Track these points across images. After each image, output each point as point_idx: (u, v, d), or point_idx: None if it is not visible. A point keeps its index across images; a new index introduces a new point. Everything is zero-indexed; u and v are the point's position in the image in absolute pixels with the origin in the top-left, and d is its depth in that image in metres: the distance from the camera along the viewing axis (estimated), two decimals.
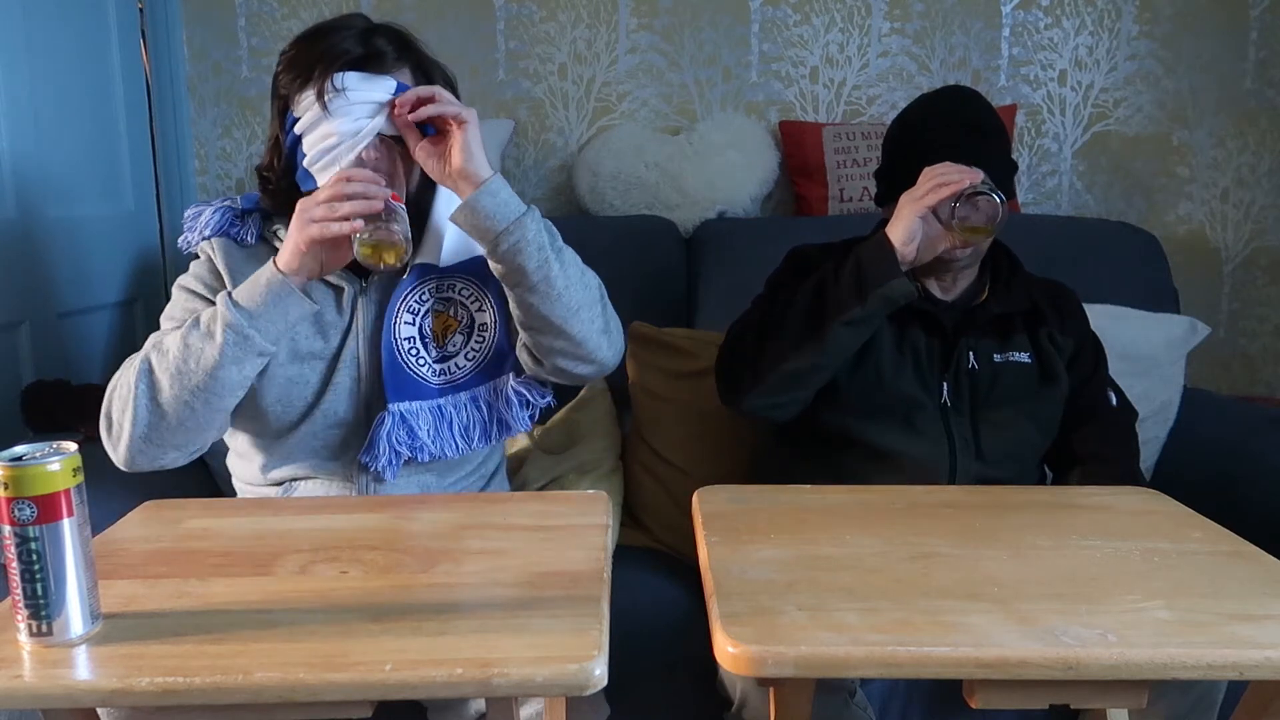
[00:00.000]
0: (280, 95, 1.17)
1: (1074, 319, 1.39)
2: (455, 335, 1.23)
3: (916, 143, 1.30)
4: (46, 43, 1.88)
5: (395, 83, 1.13)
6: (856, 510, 1.01)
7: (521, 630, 0.73)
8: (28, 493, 0.70)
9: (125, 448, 1.10)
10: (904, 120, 1.36)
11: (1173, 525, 0.98)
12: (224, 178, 2.27)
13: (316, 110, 1.11)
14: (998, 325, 1.33)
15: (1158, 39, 2.16)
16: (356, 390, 1.21)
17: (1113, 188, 2.22)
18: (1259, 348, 2.26)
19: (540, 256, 1.11)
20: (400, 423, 1.18)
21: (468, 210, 1.11)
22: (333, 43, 1.13)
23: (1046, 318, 1.36)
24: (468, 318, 1.23)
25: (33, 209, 1.85)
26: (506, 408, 1.23)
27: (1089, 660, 0.70)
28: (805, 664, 0.71)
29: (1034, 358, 1.34)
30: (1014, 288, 1.35)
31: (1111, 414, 1.39)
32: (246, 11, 2.20)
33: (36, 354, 1.85)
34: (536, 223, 1.12)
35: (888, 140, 1.38)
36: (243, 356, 1.08)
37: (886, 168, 1.36)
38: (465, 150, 1.10)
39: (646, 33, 2.18)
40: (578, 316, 1.14)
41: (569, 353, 1.17)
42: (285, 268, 1.09)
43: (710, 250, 1.93)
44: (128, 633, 0.74)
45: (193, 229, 1.24)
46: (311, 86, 1.12)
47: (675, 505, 1.63)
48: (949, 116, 1.30)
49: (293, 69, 1.15)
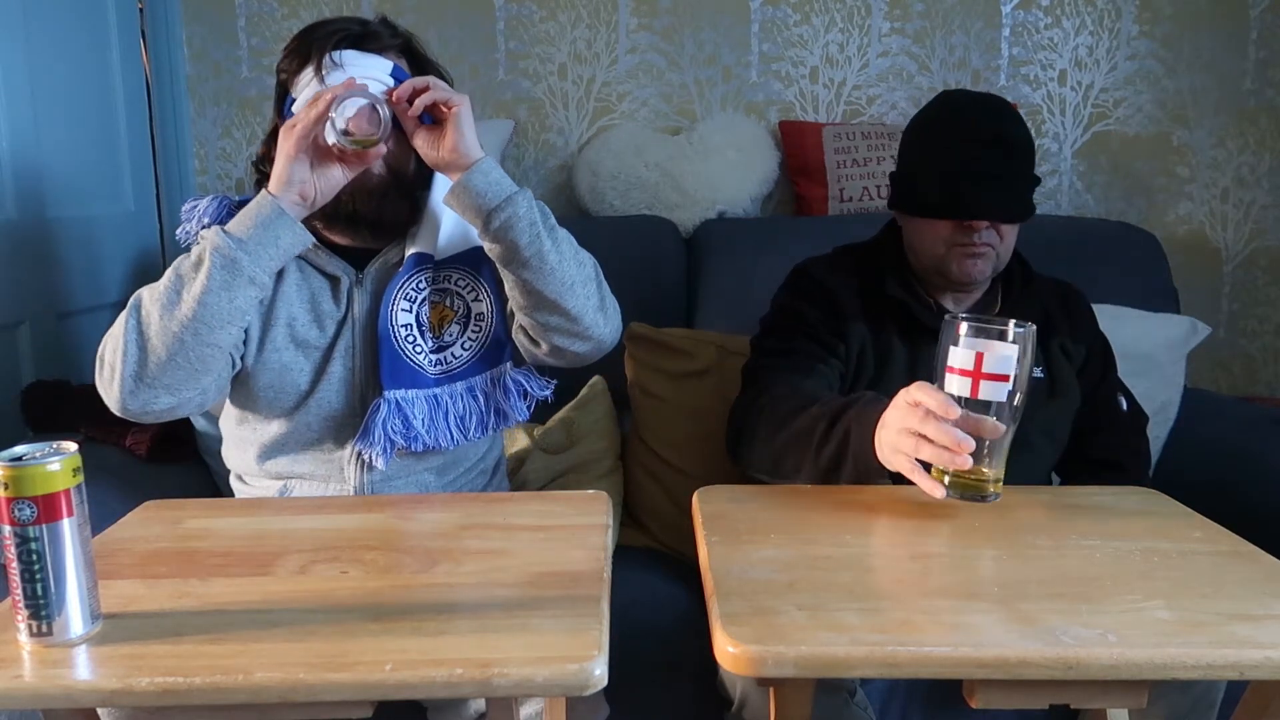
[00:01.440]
0: (280, 82, 1.19)
1: (1084, 321, 1.38)
2: (451, 325, 1.23)
3: (942, 155, 1.25)
4: (46, 43, 1.88)
5: (391, 64, 1.15)
6: (856, 510, 1.01)
7: (521, 630, 0.73)
8: (28, 493, 0.70)
9: (118, 387, 1.09)
10: (928, 130, 1.30)
11: (1173, 525, 0.98)
12: (224, 178, 2.26)
13: (314, 84, 1.13)
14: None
15: (1158, 39, 2.16)
16: (350, 380, 1.21)
17: (1113, 188, 2.22)
18: (1259, 348, 2.26)
19: (532, 232, 1.12)
20: (395, 410, 1.18)
21: (460, 189, 1.12)
22: (332, 28, 1.17)
23: (1058, 326, 1.34)
24: (464, 308, 1.24)
25: (33, 209, 1.85)
26: (505, 397, 1.24)
27: (1089, 660, 0.70)
28: (805, 664, 0.71)
29: (1045, 371, 1.32)
30: (1027, 298, 1.34)
31: (1122, 420, 1.38)
32: (246, 11, 2.20)
33: (36, 354, 1.85)
34: (528, 201, 1.13)
35: (908, 146, 1.33)
36: (232, 282, 1.07)
37: (905, 174, 1.32)
38: (457, 132, 1.11)
39: (646, 33, 2.18)
40: (573, 292, 1.15)
41: (565, 329, 1.17)
42: (275, 188, 1.10)
43: (710, 250, 1.93)
44: (128, 633, 0.74)
45: (190, 218, 1.24)
46: (310, 66, 1.14)
47: (675, 505, 1.63)
48: (977, 131, 1.23)
49: (292, 55, 1.18)
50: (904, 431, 0.95)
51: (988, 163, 1.22)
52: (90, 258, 2.01)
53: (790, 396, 1.18)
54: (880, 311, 1.32)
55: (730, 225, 2.02)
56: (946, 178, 1.24)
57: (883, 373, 1.30)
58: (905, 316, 1.31)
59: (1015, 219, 1.26)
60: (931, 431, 0.92)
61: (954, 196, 1.23)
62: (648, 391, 1.72)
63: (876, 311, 1.32)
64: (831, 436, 1.08)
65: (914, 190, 1.29)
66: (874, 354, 1.31)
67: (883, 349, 1.31)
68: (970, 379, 0.93)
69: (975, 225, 1.23)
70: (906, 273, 1.34)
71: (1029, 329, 0.94)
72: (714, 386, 1.67)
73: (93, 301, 2.03)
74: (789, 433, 1.14)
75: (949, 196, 1.24)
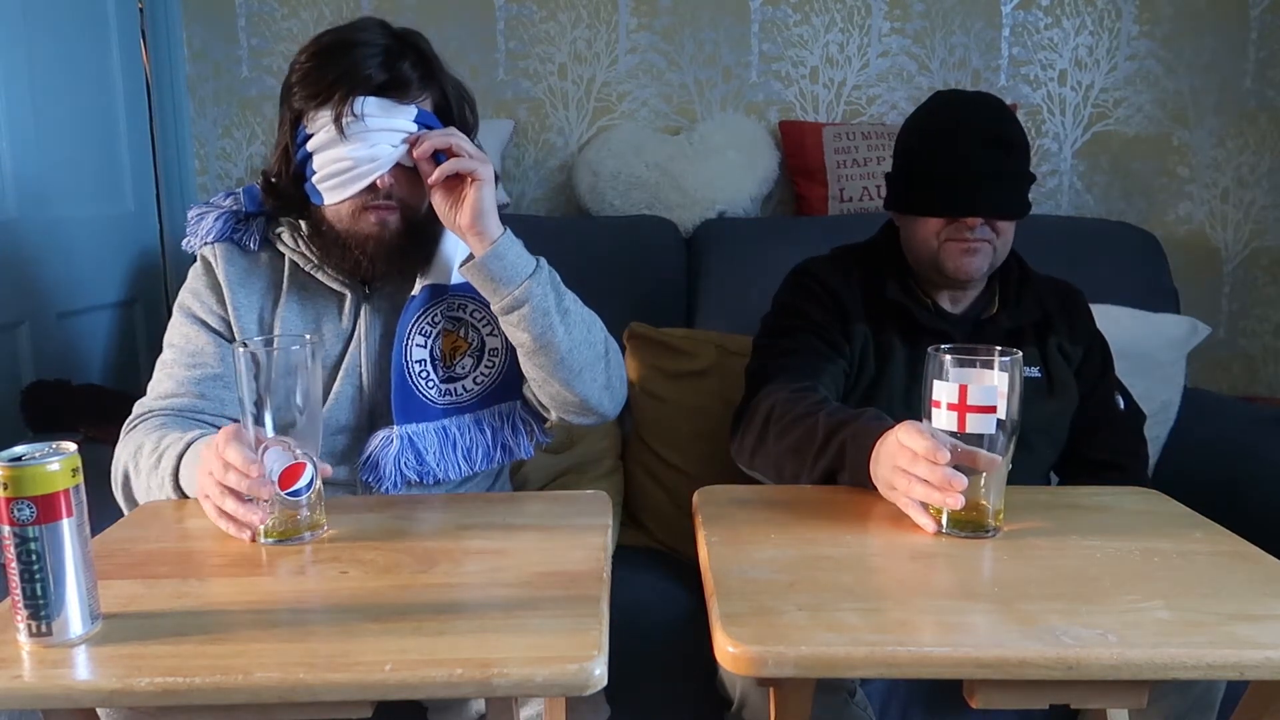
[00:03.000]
0: (294, 108, 1.13)
1: (1082, 321, 1.38)
2: (465, 358, 1.21)
3: (938, 154, 1.26)
4: (47, 43, 1.88)
5: (416, 109, 1.11)
6: (857, 510, 1.01)
7: (521, 630, 0.73)
8: (27, 493, 0.70)
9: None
10: (923, 130, 1.31)
11: (1173, 525, 0.98)
12: (224, 177, 2.26)
13: (332, 132, 1.09)
14: (1009, 340, 1.30)
15: (1158, 39, 2.16)
16: (359, 399, 1.20)
17: (1113, 188, 2.22)
18: (1259, 348, 2.26)
19: (544, 323, 1.11)
20: (409, 446, 1.17)
21: (474, 271, 1.11)
22: (354, 62, 1.09)
23: (1055, 326, 1.35)
24: (478, 340, 1.22)
25: (33, 209, 1.85)
26: (512, 434, 1.24)
27: (1089, 660, 0.70)
28: (805, 664, 0.71)
29: (1043, 371, 1.32)
30: (1024, 297, 1.34)
31: (1120, 419, 1.38)
32: (246, 11, 2.20)
33: (36, 354, 1.85)
34: (543, 285, 1.11)
35: (903, 146, 1.33)
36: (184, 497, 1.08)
37: (901, 174, 1.32)
38: (475, 208, 1.08)
39: (646, 33, 2.18)
40: (580, 378, 1.15)
41: (570, 406, 1.18)
42: (190, 489, 1.05)
43: (710, 250, 1.93)
44: (128, 633, 0.74)
45: (194, 233, 1.23)
46: (329, 108, 1.09)
47: (675, 505, 1.63)
48: (972, 130, 1.24)
49: (309, 84, 1.11)
50: (896, 470, 0.95)
51: (984, 161, 1.23)
52: (90, 258, 2.01)
53: (793, 403, 1.17)
54: (880, 312, 1.32)
55: (730, 225, 2.02)
56: (943, 176, 1.24)
57: (883, 372, 1.30)
58: (904, 317, 1.31)
59: (1011, 216, 1.27)
60: (923, 472, 0.91)
61: (950, 194, 1.24)
62: (648, 391, 1.72)
63: (877, 312, 1.32)
64: (827, 451, 1.08)
65: (910, 189, 1.29)
66: (875, 354, 1.31)
67: (883, 349, 1.31)
68: (957, 413, 0.91)
69: (969, 222, 1.24)
70: (905, 274, 1.34)
71: (1015, 357, 0.92)
72: (714, 386, 1.67)
73: (93, 301, 2.03)
74: (789, 441, 1.14)
75: (945, 194, 1.24)
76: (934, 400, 0.93)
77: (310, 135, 1.11)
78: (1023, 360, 1.26)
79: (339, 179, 1.11)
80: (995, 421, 0.91)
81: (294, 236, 1.22)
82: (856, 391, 1.30)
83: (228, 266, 1.20)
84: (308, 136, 1.12)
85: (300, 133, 1.13)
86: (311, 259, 1.20)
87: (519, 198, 2.23)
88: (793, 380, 1.23)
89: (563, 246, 1.94)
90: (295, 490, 0.92)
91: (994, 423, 0.91)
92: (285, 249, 1.22)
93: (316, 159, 1.11)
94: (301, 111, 1.12)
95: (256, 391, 0.90)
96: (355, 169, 1.09)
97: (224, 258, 1.21)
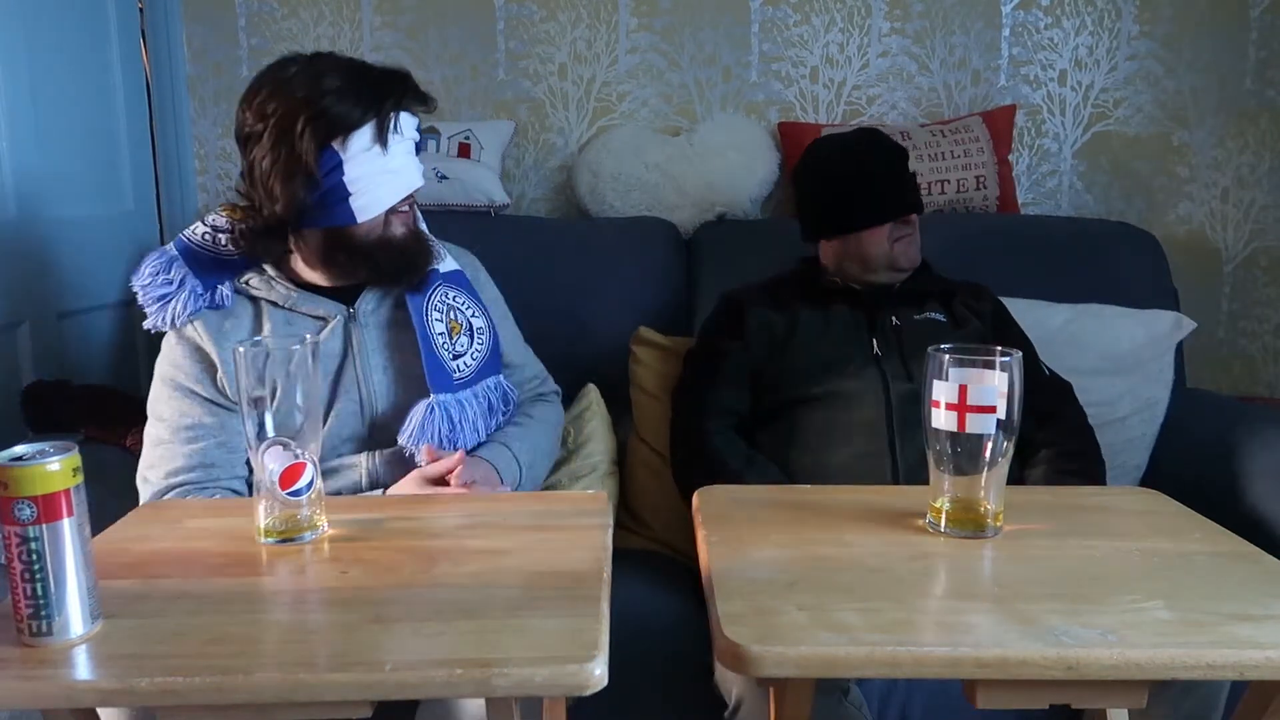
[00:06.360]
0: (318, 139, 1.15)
1: (987, 302, 1.56)
2: (461, 336, 1.29)
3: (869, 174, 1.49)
4: (46, 43, 1.88)
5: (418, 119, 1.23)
6: (857, 510, 1.01)
7: (521, 630, 0.73)
8: (28, 493, 0.70)
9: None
10: (838, 160, 1.53)
11: (1173, 525, 0.98)
12: (224, 177, 2.27)
13: (374, 147, 1.17)
14: (913, 299, 1.53)
15: (1158, 39, 2.16)
16: (360, 414, 1.25)
17: (1113, 188, 2.22)
18: (1259, 348, 2.26)
19: (529, 476, 1.33)
20: (444, 414, 1.24)
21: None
22: (393, 79, 1.20)
23: (958, 295, 1.55)
24: (466, 321, 1.31)
25: (33, 209, 1.85)
26: (501, 401, 1.34)
27: (1089, 660, 0.70)
28: (805, 664, 0.71)
29: (948, 318, 1.53)
30: (923, 278, 1.56)
31: (1046, 381, 1.50)
32: (246, 11, 2.20)
33: (36, 354, 1.85)
34: (518, 478, 1.29)
35: (824, 178, 1.54)
36: None
37: (840, 200, 1.51)
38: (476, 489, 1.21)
39: (646, 33, 2.18)
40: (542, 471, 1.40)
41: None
42: None
43: (710, 252, 1.93)
44: (128, 633, 0.74)
45: (162, 318, 1.20)
46: (370, 126, 1.16)
47: (675, 505, 1.63)
48: (876, 148, 1.51)
49: (348, 102, 1.16)
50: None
51: (898, 169, 1.51)
52: (90, 258, 2.01)
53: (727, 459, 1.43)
54: (784, 294, 1.56)
55: (730, 227, 2.02)
56: (881, 189, 1.49)
57: (790, 342, 1.50)
58: (811, 287, 1.56)
59: (923, 209, 1.56)
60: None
61: (895, 200, 1.49)
62: (648, 393, 1.72)
63: (780, 294, 1.55)
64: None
65: (854, 209, 1.50)
66: (782, 325, 1.52)
67: (789, 317, 1.52)
68: (956, 413, 0.91)
69: (910, 219, 1.50)
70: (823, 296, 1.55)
71: (1015, 356, 0.92)
72: None
73: (93, 301, 2.03)
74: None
75: (890, 201, 1.49)
76: (933, 400, 0.93)
77: (341, 160, 1.15)
78: (926, 309, 1.50)
79: (384, 190, 1.18)
80: (995, 421, 0.90)
81: (264, 280, 1.23)
82: (770, 361, 1.50)
83: (210, 332, 1.21)
84: (339, 159, 1.15)
85: (327, 153, 1.15)
86: (292, 294, 1.23)
87: (519, 198, 2.23)
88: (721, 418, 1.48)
89: (563, 247, 1.96)
90: (295, 490, 0.92)
91: (994, 423, 0.90)
92: (258, 293, 1.23)
93: (357, 178, 1.16)
94: (327, 140, 1.15)
95: (257, 392, 0.90)
96: (400, 179, 1.20)
97: (205, 329, 1.21)
